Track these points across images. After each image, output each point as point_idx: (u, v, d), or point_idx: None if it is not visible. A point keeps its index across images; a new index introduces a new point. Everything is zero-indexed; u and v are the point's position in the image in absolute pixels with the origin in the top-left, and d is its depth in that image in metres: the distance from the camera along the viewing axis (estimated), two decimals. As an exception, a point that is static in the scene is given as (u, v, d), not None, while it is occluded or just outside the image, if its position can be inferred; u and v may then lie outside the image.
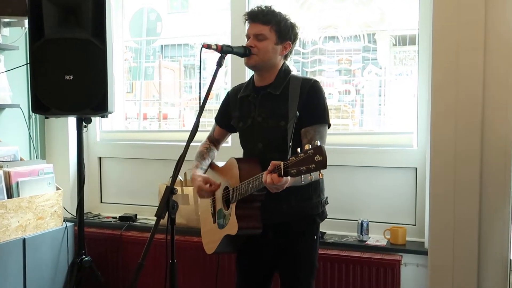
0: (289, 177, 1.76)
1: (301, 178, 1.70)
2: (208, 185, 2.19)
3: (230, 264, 2.80)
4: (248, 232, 2.09)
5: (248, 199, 2.04)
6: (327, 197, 2.25)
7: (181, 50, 3.85)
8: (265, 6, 2.16)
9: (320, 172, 1.65)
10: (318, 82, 2.16)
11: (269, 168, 1.80)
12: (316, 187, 2.19)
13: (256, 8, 2.16)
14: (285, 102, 2.11)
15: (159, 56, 3.94)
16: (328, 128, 2.14)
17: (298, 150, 1.71)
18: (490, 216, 2.44)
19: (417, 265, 2.69)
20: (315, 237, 2.23)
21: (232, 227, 2.09)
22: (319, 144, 1.66)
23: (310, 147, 1.67)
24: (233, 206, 2.10)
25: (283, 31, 2.13)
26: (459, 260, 2.46)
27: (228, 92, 2.42)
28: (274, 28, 2.12)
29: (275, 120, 2.12)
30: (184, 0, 4.26)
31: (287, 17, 2.17)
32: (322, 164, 1.63)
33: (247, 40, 2.17)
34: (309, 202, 2.17)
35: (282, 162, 1.75)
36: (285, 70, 2.20)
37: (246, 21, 2.18)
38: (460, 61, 2.43)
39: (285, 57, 2.22)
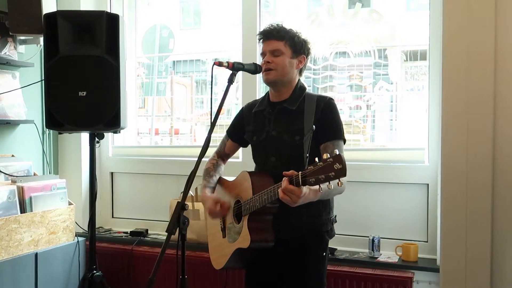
0: (307, 191, 1.78)
1: (319, 188, 1.71)
2: (218, 206, 2.21)
3: (240, 280, 2.79)
4: (260, 245, 2.09)
5: (260, 212, 2.05)
6: (335, 216, 2.26)
7: (193, 66, 3.89)
8: (277, 24, 2.21)
9: (339, 181, 1.66)
10: (333, 99, 2.21)
11: (286, 178, 1.80)
12: (326, 204, 2.19)
13: (268, 27, 2.20)
14: (301, 118, 2.13)
15: (171, 72, 3.98)
16: (344, 144, 2.17)
17: (316, 159, 1.71)
18: (504, 234, 2.40)
19: (429, 282, 2.65)
20: (324, 253, 2.22)
21: (244, 240, 2.08)
22: (338, 153, 1.67)
23: (329, 156, 1.68)
24: (245, 219, 2.10)
25: (297, 45, 2.18)
26: (472, 278, 2.42)
27: (242, 108, 2.45)
28: (289, 43, 2.16)
29: (290, 134, 2.14)
30: (196, 16, 4.31)
31: (298, 32, 2.21)
32: (342, 172, 1.65)
33: (262, 58, 2.20)
34: (319, 219, 2.17)
35: (300, 172, 1.75)
36: (301, 87, 2.24)
37: (260, 40, 2.22)
38: (470, 77, 2.42)
39: (300, 72, 2.25)
